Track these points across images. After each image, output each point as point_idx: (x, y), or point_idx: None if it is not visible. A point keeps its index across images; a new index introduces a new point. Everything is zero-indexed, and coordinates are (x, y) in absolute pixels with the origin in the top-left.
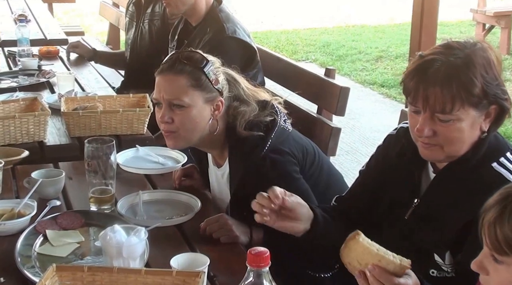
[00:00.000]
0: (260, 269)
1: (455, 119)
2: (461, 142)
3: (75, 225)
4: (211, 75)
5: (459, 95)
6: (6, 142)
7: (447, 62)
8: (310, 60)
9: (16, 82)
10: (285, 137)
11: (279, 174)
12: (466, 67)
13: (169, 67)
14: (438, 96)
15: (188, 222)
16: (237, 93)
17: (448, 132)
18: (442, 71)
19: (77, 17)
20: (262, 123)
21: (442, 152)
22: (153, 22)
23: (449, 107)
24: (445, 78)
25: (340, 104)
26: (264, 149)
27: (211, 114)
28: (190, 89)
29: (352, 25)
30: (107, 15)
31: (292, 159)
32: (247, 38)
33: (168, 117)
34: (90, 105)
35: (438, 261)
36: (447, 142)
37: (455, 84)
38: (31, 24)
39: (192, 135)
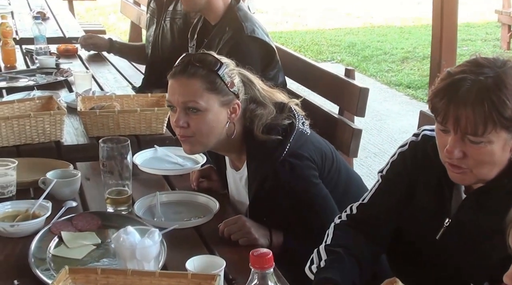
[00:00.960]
0: (264, 270)
1: (486, 142)
2: (491, 165)
3: (91, 226)
4: (226, 78)
5: (491, 117)
6: (22, 142)
7: (478, 82)
8: (336, 61)
9: (34, 81)
10: (303, 141)
11: (298, 179)
12: (497, 88)
13: (182, 70)
14: (470, 118)
15: (206, 223)
16: (253, 94)
17: (479, 155)
18: (474, 91)
19: (100, 16)
20: (280, 126)
21: (472, 175)
22: (174, 20)
23: (482, 130)
24: (476, 98)
25: (360, 104)
26: (283, 154)
27: (228, 117)
28: (205, 92)
29: (378, 25)
30: (128, 13)
31: (311, 164)
32: (265, 37)
33: (183, 121)
34: (107, 105)
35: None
36: (477, 165)
37: (487, 105)
38: (49, 21)
39: (208, 140)
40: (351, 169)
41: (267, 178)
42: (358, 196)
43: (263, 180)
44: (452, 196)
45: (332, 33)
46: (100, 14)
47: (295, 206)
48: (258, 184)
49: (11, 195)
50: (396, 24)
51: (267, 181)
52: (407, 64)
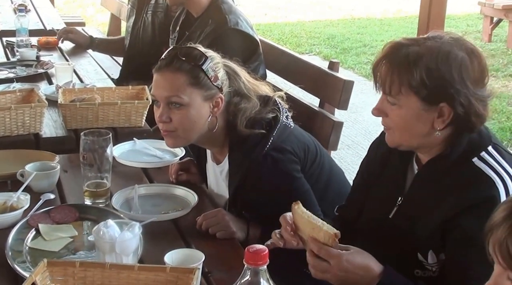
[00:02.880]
0: (258, 267)
1: (399, 104)
2: (407, 130)
3: (68, 219)
4: (210, 72)
5: (396, 79)
6: (1, 134)
7: (405, 50)
8: (314, 53)
9: (14, 73)
10: (287, 134)
11: (280, 173)
12: (413, 55)
13: (167, 64)
14: (383, 76)
15: (185, 217)
16: (238, 87)
17: (394, 116)
18: (394, 55)
19: (78, 8)
20: (264, 120)
21: (394, 136)
22: (156, 14)
23: (388, 89)
24: (392, 61)
25: (343, 97)
26: (266, 147)
27: (210, 111)
28: (188, 87)
29: (358, 17)
30: (109, 6)
31: (294, 157)
32: (249, 30)
33: (166, 116)
34: (88, 97)
35: (422, 261)
36: (395, 127)
37: (397, 69)
38: (30, 14)
39: (191, 134)
40: (335, 163)
41: (249, 171)
42: (340, 190)
43: (245, 174)
44: (407, 176)
45: (311, 25)
46: (79, 6)
47: (276, 200)
48: (240, 178)
49: None
50: (377, 16)
51: (249, 175)
52: None
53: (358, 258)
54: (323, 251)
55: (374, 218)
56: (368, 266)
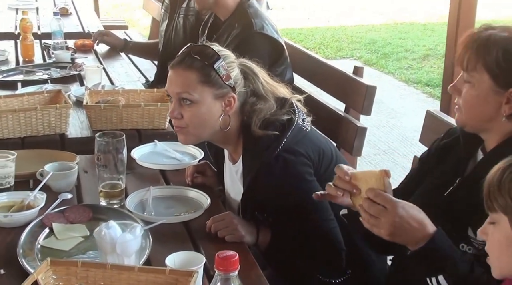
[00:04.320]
0: (228, 273)
1: (472, 82)
2: (474, 110)
3: (82, 218)
4: (222, 71)
5: (473, 55)
6: (28, 134)
7: (483, 33)
8: (355, 57)
9: (48, 74)
10: (301, 137)
11: (291, 174)
12: (489, 36)
13: (180, 61)
14: (461, 53)
15: (196, 219)
16: (255, 87)
17: (465, 94)
18: (475, 37)
19: (126, 12)
20: (278, 121)
21: (461, 115)
22: (187, 17)
23: (465, 64)
24: (470, 41)
25: (367, 103)
26: (278, 149)
27: (222, 110)
28: (199, 84)
29: (401, 22)
30: (150, 9)
31: (306, 160)
32: (275, 34)
33: (177, 112)
34: (113, 99)
35: (470, 236)
36: (465, 106)
37: (475, 47)
38: (71, 17)
39: (201, 131)
40: None
41: (261, 172)
42: None
43: (256, 174)
44: (469, 163)
45: (353, 30)
46: (126, 10)
47: (287, 202)
48: (251, 178)
49: (9, 186)
50: (420, 21)
51: (260, 175)
52: (428, 62)
53: (415, 210)
54: (380, 196)
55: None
56: (423, 221)
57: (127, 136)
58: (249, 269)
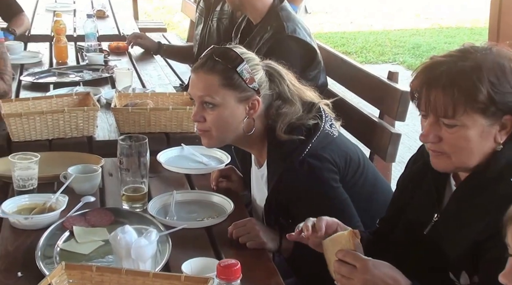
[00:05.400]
0: (230, 282)
1: (460, 125)
2: (468, 151)
3: (104, 222)
4: (245, 74)
5: (461, 99)
6: (55, 136)
7: (454, 66)
8: (397, 62)
9: (80, 77)
10: (327, 142)
11: (316, 180)
12: (471, 71)
13: (202, 64)
14: (439, 99)
15: (219, 224)
16: (281, 90)
17: (453, 139)
18: (445, 74)
19: (167, 14)
20: (304, 126)
21: (450, 161)
22: (221, 20)
23: (452, 111)
24: (447, 81)
25: (401, 109)
26: (303, 154)
27: (246, 113)
28: (221, 88)
29: (446, 26)
30: (188, 12)
31: (332, 166)
32: (307, 38)
33: (200, 116)
34: (141, 102)
35: (453, 280)
36: (453, 151)
37: (457, 88)
38: (108, 19)
39: (224, 135)
40: (380, 177)
41: (285, 177)
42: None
43: (280, 179)
44: (445, 193)
45: (397, 34)
46: (168, 13)
47: (311, 208)
48: (275, 183)
49: (32, 188)
50: (467, 25)
51: (284, 180)
52: None
53: (386, 267)
54: (349, 255)
55: (409, 232)
56: (396, 277)
57: (155, 140)
58: (269, 277)
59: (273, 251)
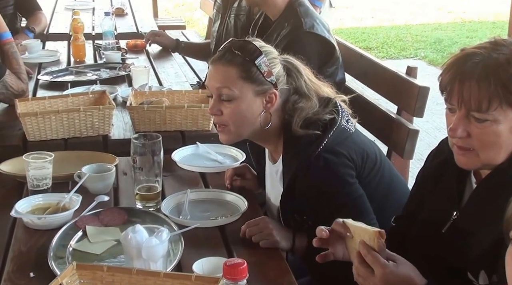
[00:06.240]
0: (236, 282)
1: (492, 120)
2: (497, 147)
3: (117, 221)
4: (263, 67)
5: (497, 93)
6: (71, 135)
7: (489, 59)
8: (419, 57)
9: (97, 75)
10: (344, 138)
11: (332, 175)
12: (507, 64)
13: (220, 56)
14: (474, 92)
15: (232, 223)
16: (298, 85)
17: (483, 135)
18: (480, 66)
19: (187, 11)
20: (320, 121)
21: (477, 158)
22: (239, 17)
23: (486, 105)
24: (483, 73)
25: (419, 104)
26: (319, 149)
27: (263, 107)
28: (239, 80)
29: (469, 20)
30: (207, 9)
31: (348, 162)
32: (325, 33)
33: (217, 109)
34: (157, 100)
35: (472, 280)
36: (482, 147)
37: (494, 80)
38: (127, 17)
39: (242, 129)
40: (397, 176)
41: (300, 172)
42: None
43: (296, 174)
44: (465, 190)
45: (419, 29)
46: (187, 10)
47: (326, 204)
48: (291, 179)
49: (46, 188)
50: (489, 19)
51: (300, 175)
52: None
53: (402, 270)
54: (370, 256)
55: (426, 231)
56: (410, 279)
57: (171, 138)
58: (282, 276)
59: (286, 250)
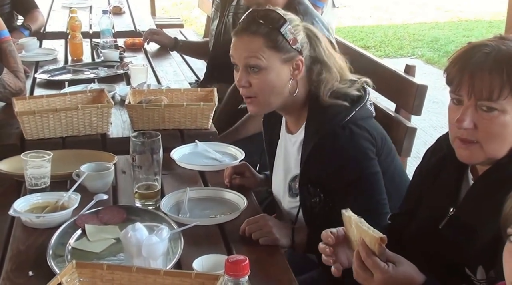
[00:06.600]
0: (238, 278)
1: (500, 110)
2: (502, 139)
3: (116, 220)
4: (288, 35)
5: (508, 82)
6: (69, 134)
7: (499, 50)
8: (416, 56)
9: (95, 74)
10: (367, 117)
11: (355, 147)
12: None
13: (244, 27)
14: (485, 81)
15: (232, 221)
16: (317, 52)
17: (490, 125)
18: (492, 57)
19: (185, 10)
20: (348, 96)
21: (481, 152)
22: (237, 15)
23: (497, 94)
24: (494, 62)
25: (417, 103)
26: (347, 118)
27: (291, 74)
28: (266, 50)
29: (466, 19)
30: (205, 8)
31: (371, 138)
32: (324, 32)
33: (245, 81)
34: (155, 98)
35: (469, 275)
36: (487, 138)
37: (506, 70)
38: (124, 16)
39: (271, 99)
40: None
41: (324, 140)
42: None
43: (319, 142)
44: (461, 187)
45: (416, 28)
46: (185, 9)
47: (343, 174)
48: (313, 147)
49: (44, 186)
50: (486, 18)
51: (323, 143)
52: None
53: (401, 271)
54: (370, 260)
55: (423, 227)
56: (410, 277)
57: (170, 136)
58: (282, 274)
59: (286, 247)
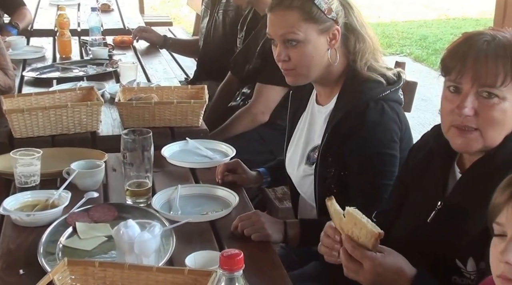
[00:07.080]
0: (233, 273)
1: (501, 97)
2: (501, 126)
3: (107, 217)
4: (323, 5)
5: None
6: (59, 132)
7: (497, 38)
8: (405, 54)
9: (84, 71)
10: (399, 102)
11: (382, 124)
12: None
13: (278, 2)
14: (491, 67)
15: (223, 218)
16: (350, 20)
17: (491, 112)
18: (495, 43)
19: (173, 8)
20: (385, 75)
21: (480, 139)
22: (227, 12)
23: (501, 80)
24: (498, 49)
25: (406, 99)
26: (381, 95)
27: (328, 44)
28: (302, 23)
29: (453, 17)
30: (194, 6)
31: (399, 123)
32: None
33: (284, 55)
34: (146, 96)
35: (460, 267)
36: (487, 125)
37: (510, 55)
38: (113, 13)
39: (311, 70)
40: None
41: (355, 110)
42: None
43: (350, 111)
44: (448, 180)
45: (404, 26)
46: (174, 6)
47: (363, 148)
48: (342, 117)
49: (34, 185)
50: (473, 16)
51: (353, 113)
52: None
53: (390, 260)
54: (357, 251)
55: (411, 222)
56: (400, 269)
57: (160, 134)
58: (273, 269)
59: (278, 242)
